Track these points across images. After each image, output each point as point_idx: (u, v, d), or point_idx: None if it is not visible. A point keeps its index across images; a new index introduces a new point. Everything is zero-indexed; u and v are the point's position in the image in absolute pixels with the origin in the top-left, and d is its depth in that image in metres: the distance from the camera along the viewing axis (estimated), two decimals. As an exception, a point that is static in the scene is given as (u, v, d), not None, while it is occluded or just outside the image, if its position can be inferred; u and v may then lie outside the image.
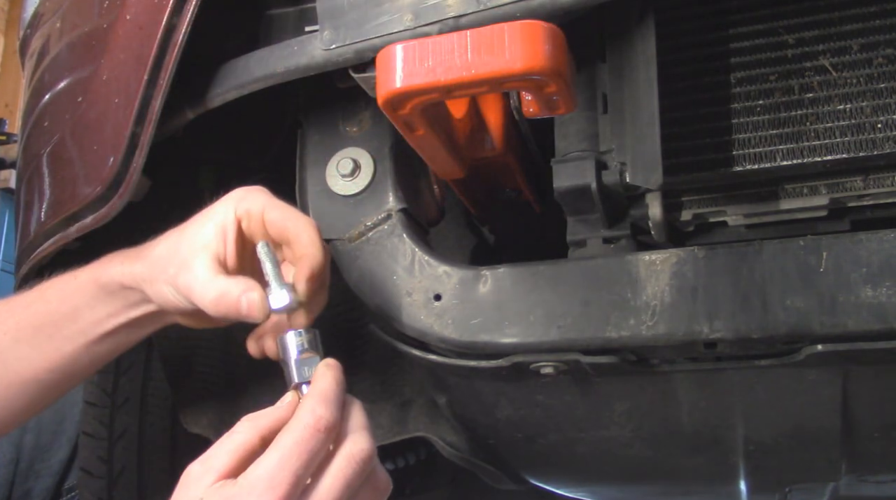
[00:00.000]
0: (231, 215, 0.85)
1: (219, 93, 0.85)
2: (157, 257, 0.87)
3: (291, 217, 0.83)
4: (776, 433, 0.96)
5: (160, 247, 0.87)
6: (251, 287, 0.79)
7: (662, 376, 0.89)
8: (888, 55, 0.77)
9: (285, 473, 0.65)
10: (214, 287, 0.81)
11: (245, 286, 0.79)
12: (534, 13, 0.70)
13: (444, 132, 0.78)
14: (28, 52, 1.09)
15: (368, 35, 0.76)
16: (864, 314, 0.72)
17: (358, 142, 0.92)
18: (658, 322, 0.77)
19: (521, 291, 0.82)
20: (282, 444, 0.67)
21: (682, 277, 0.78)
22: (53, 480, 1.44)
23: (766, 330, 0.75)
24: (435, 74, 0.65)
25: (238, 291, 0.79)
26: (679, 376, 0.89)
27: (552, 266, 0.83)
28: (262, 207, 0.85)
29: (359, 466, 0.69)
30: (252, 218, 0.85)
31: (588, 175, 0.81)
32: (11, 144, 3.91)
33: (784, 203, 0.82)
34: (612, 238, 0.88)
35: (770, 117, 0.79)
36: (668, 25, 0.83)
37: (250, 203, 0.86)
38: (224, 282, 0.81)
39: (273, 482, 0.65)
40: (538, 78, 0.65)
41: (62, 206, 0.91)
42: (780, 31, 0.81)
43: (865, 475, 1.06)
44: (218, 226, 0.85)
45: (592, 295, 0.80)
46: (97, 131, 0.88)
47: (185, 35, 0.80)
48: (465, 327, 0.83)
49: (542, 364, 0.86)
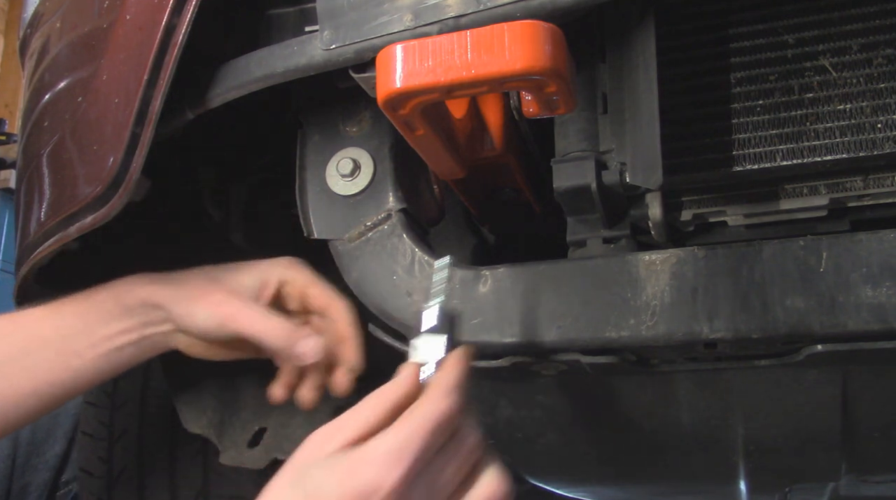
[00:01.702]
0: (276, 276, 0.96)
1: (219, 93, 0.85)
2: (194, 281, 0.95)
3: (334, 296, 0.95)
4: (776, 433, 0.96)
5: (196, 275, 0.96)
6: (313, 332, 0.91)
7: (662, 376, 0.89)
8: (888, 55, 0.77)
9: (413, 447, 0.66)
10: (271, 321, 0.91)
11: (309, 330, 0.92)
12: (534, 13, 0.70)
13: (444, 132, 0.78)
14: (28, 52, 1.09)
15: (368, 35, 0.76)
16: (864, 314, 0.72)
17: (358, 142, 0.92)
18: (658, 322, 0.77)
19: (521, 291, 0.82)
20: (413, 419, 0.67)
21: (682, 277, 0.78)
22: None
23: (766, 330, 0.75)
24: (435, 74, 0.65)
25: (303, 331, 0.91)
26: (679, 376, 0.89)
27: (552, 266, 0.83)
28: (307, 280, 0.96)
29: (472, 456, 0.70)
30: (294, 285, 0.96)
31: (588, 175, 0.81)
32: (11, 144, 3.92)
33: (784, 203, 0.82)
34: (612, 238, 0.88)
35: (770, 117, 0.79)
36: (668, 25, 0.83)
37: (296, 273, 0.97)
38: (282, 320, 0.91)
39: (401, 454, 0.65)
40: (538, 78, 0.65)
41: (62, 206, 0.91)
42: (780, 31, 0.81)
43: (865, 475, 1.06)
44: (261, 279, 0.96)
45: (592, 295, 0.80)
46: (97, 131, 0.87)
47: (185, 35, 0.80)
48: (465, 328, 0.83)
49: (542, 364, 0.86)
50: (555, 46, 0.65)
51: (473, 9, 0.72)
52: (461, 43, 0.65)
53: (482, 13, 0.71)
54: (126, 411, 1.37)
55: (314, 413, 1.17)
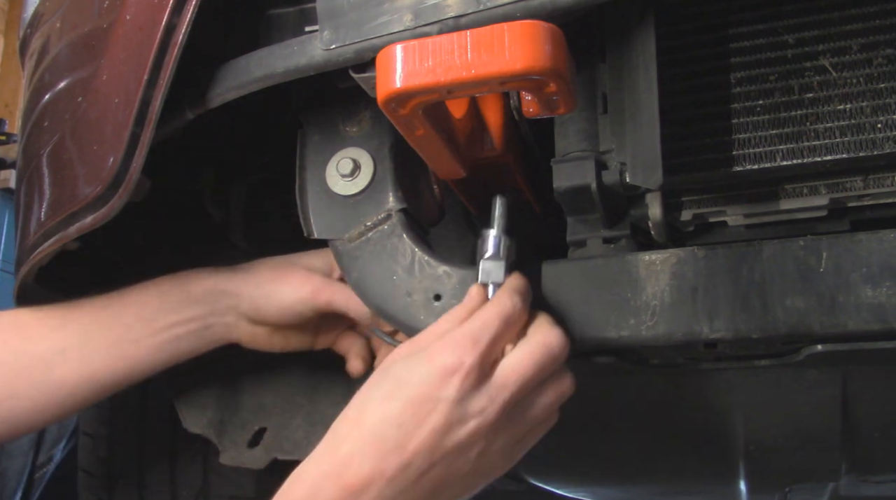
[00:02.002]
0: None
1: (219, 93, 0.85)
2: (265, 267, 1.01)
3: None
4: (776, 433, 0.96)
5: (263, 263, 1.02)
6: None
7: (662, 376, 0.89)
8: (888, 55, 0.77)
9: (488, 333, 0.72)
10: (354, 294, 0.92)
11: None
12: (534, 13, 0.70)
13: (444, 132, 0.78)
14: (28, 52, 1.09)
15: (368, 35, 0.75)
16: (864, 314, 0.72)
17: (358, 142, 0.92)
18: (658, 322, 0.77)
19: (521, 291, 0.82)
20: (485, 311, 0.75)
21: (682, 277, 0.78)
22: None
23: (766, 330, 0.75)
24: (435, 74, 0.65)
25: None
26: (679, 376, 0.89)
27: (552, 266, 0.83)
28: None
29: (549, 352, 0.75)
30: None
31: (588, 175, 0.81)
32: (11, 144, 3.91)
33: (784, 203, 0.82)
34: (612, 238, 0.88)
35: (770, 117, 0.79)
36: (668, 25, 0.83)
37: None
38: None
39: (477, 338, 0.72)
40: (538, 78, 0.65)
41: (62, 206, 0.91)
42: (780, 31, 0.81)
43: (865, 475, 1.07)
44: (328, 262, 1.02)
45: (592, 295, 0.80)
46: (97, 131, 0.87)
47: (185, 35, 0.80)
48: (465, 327, 0.83)
49: (542, 364, 0.85)
50: (555, 46, 0.65)
51: (473, 9, 0.72)
52: (461, 43, 0.65)
53: (482, 13, 0.71)
54: (126, 412, 1.37)
55: (314, 413, 1.17)
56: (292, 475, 0.73)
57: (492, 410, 0.71)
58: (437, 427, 0.70)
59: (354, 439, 0.72)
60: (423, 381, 0.71)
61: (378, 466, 0.70)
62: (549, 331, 0.76)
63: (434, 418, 0.70)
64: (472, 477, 0.74)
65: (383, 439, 0.70)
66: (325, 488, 0.70)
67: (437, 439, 0.70)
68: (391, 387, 0.73)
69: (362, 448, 0.71)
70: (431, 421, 0.70)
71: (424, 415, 0.70)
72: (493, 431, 0.72)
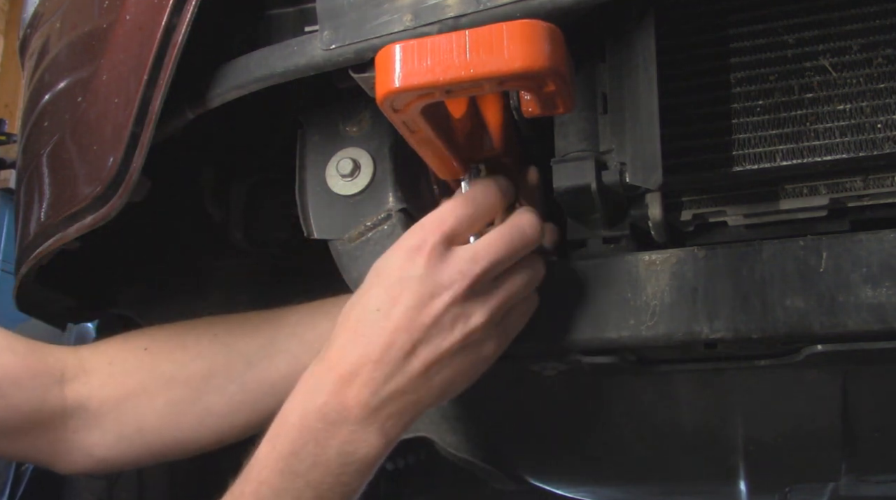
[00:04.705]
0: None
1: (219, 93, 0.85)
2: None
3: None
4: (776, 433, 0.96)
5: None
6: None
7: (662, 377, 0.89)
8: (888, 55, 0.77)
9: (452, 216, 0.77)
10: None
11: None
12: (534, 13, 0.70)
13: (444, 132, 0.78)
14: (28, 52, 1.09)
15: (368, 35, 0.76)
16: (864, 314, 0.72)
17: (358, 142, 0.92)
18: (658, 322, 0.77)
19: (521, 291, 0.82)
20: (452, 200, 0.79)
21: (682, 277, 0.78)
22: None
23: (766, 330, 0.75)
24: (434, 74, 0.65)
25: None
26: (679, 376, 0.89)
27: (552, 266, 0.83)
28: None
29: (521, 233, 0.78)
30: None
31: (588, 175, 0.81)
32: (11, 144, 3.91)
33: (784, 203, 0.82)
34: (612, 238, 0.87)
35: (770, 117, 0.79)
36: (668, 25, 0.83)
37: None
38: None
39: (441, 220, 0.76)
40: (537, 77, 0.65)
41: (62, 206, 0.91)
42: (780, 31, 0.81)
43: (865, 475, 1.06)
44: None
45: (592, 295, 0.80)
46: (97, 131, 0.87)
47: (185, 35, 0.80)
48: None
49: (542, 364, 0.86)
50: (554, 46, 0.65)
51: (473, 9, 0.72)
52: (460, 42, 0.65)
53: (482, 13, 0.71)
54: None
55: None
56: (301, 377, 0.77)
57: (463, 283, 0.74)
58: (410, 303, 0.73)
59: (343, 332, 0.76)
60: (393, 264, 0.76)
61: (364, 351, 0.74)
62: (523, 215, 0.79)
63: (406, 295, 0.74)
64: (463, 357, 0.76)
65: (365, 324, 0.75)
66: (322, 381, 0.75)
67: (413, 314, 0.73)
68: (371, 280, 0.78)
69: (349, 338, 0.75)
70: (404, 299, 0.74)
71: (397, 295, 0.74)
72: (470, 304, 0.74)
